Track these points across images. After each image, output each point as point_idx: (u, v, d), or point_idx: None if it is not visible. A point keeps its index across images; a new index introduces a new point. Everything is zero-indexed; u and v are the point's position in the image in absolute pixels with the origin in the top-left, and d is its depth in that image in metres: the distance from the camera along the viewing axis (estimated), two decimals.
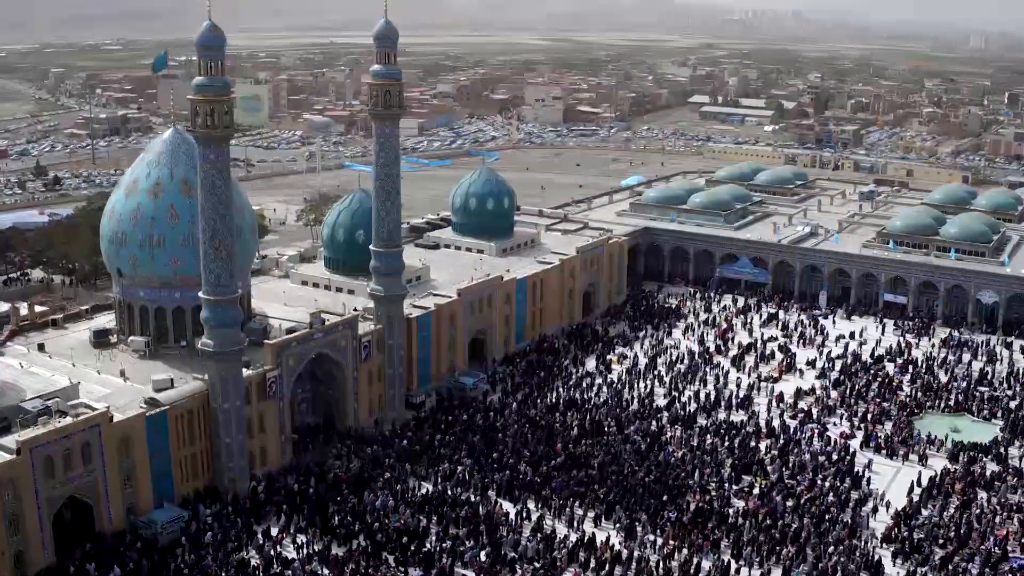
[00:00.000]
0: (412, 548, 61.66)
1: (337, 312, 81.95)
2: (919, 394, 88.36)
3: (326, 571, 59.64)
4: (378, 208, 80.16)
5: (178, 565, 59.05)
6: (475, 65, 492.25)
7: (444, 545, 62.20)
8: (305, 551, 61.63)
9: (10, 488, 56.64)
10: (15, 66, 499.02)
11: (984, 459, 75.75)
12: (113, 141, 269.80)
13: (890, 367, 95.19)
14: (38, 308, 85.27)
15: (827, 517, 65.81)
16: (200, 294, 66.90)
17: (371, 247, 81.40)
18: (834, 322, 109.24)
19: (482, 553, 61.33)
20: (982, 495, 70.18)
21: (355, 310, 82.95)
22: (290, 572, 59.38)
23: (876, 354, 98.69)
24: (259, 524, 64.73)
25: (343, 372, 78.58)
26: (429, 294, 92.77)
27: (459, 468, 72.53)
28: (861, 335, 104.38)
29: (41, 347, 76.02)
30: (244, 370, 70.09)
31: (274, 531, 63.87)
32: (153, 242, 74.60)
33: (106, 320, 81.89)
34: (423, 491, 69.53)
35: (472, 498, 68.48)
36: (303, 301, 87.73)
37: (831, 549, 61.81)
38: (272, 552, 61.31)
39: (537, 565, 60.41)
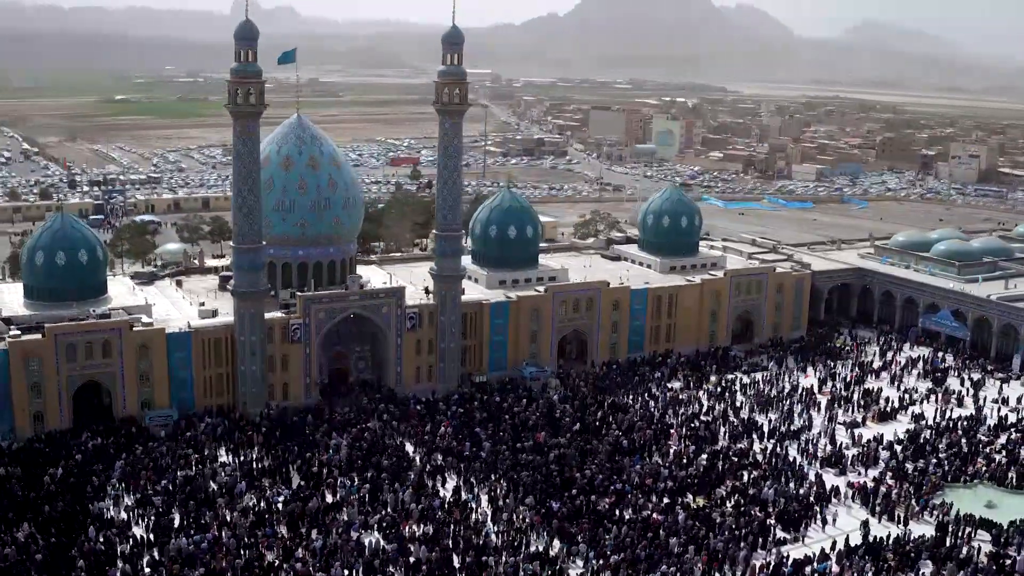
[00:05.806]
0: (321, 475, 69.91)
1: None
2: (1008, 464, 76.28)
3: (238, 474, 70.06)
4: (439, 195, 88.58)
5: (135, 446, 72.99)
6: (946, 125, 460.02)
7: (342, 479, 69.55)
8: (237, 459, 72.69)
9: (36, 361, 74.65)
10: (514, 94, 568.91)
11: (974, 534, 65.12)
12: (521, 160, 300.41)
13: (1005, 436, 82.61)
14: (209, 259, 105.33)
15: (701, 541, 62.41)
16: (230, 243, 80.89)
17: (433, 231, 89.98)
18: (1001, 387, 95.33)
19: (362, 491, 67.82)
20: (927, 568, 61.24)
21: (427, 289, 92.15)
22: (209, 469, 70.69)
23: (1010, 422, 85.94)
24: (239, 436, 76.89)
25: (386, 337, 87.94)
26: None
27: (440, 431, 78.64)
28: (1019, 402, 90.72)
29: (179, 283, 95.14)
30: (278, 313, 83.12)
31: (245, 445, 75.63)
32: None
33: None
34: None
35: (408, 453, 74.68)
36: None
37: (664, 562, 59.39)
38: (212, 453, 73.27)
39: (395, 513, 65.59)
